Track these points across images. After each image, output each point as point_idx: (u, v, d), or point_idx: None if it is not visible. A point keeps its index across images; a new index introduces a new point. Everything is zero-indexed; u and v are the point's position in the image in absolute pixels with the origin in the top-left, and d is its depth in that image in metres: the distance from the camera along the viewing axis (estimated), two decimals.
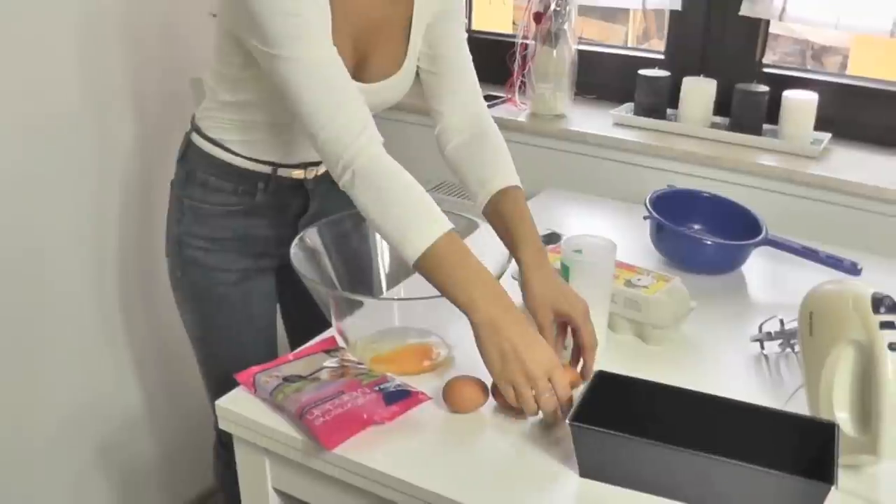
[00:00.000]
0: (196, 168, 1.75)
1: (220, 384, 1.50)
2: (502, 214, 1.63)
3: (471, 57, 1.75)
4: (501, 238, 1.62)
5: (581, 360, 1.47)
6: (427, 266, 1.38)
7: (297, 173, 1.76)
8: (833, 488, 1.11)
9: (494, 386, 1.40)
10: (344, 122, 1.42)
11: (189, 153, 1.77)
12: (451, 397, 1.41)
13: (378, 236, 1.73)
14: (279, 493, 1.49)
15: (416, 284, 1.74)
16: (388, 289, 1.75)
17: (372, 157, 1.43)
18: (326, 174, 1.80)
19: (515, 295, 1.75)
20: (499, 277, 1.48)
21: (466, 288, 1.37)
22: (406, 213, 1.41)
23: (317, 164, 1.78)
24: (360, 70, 1.61)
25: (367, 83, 1.62)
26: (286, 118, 1.63)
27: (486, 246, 1.61)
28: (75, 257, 2.22)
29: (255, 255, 1.82)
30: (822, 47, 3.43)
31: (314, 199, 1.81)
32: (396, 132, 1.95)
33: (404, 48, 1.67)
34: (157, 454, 2.61)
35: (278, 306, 1.98)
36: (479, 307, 1.36)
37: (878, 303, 1.26)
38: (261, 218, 1.78)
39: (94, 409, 2.38)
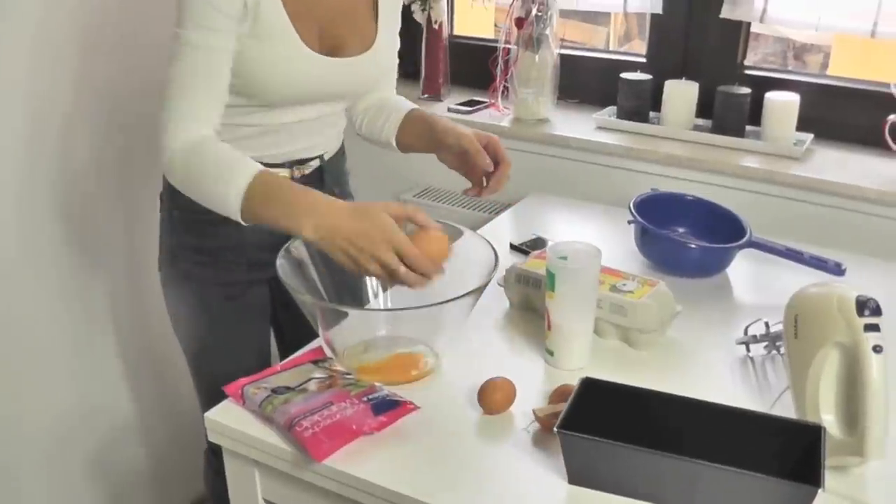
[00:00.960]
0: None
1: (214, 397, 1.51)
2: (413, 121, 1.83)
3: (397, 57, 1.90)
4: (419, 134, 1.81)
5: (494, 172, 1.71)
6: (252, 216, 1.50)
7: (284, 173, 1.76)
8: (820, 491, 1.12)
9: (480, 391, 1.42)
10: (181, 112, 1.55)
11: None
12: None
13: None
14: None
15: (403, 294, 1.74)
16: (375, 299, 1.75)
17: (185, 143, 1.55)
18: (313, 174, 1.81)
19: (501, 303, 1.76)
20: (486, 284, 1.49)
21: (289, 216, 1.46)
22: (214, 181, 1.51)
23: (303, 161, 1.79)
24: (336, 51, 1.69)
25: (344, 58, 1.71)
26: (268, 119, 1.69)
27: (472, 253, 1.61)
28: (64, 267, 2.21)
29: (248, 266, 1.82)
30: (803, 46, 3.43)
31: None
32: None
33: (375, 28, 1.75)
34: (148, 463, 2.61)
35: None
36: (306, 225, 1.44)
37: (862, 305, 1.27)
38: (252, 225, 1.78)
39: (85, 419, 2.38)
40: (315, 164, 1.83)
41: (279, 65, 1.62)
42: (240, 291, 1.83)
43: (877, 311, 1.26)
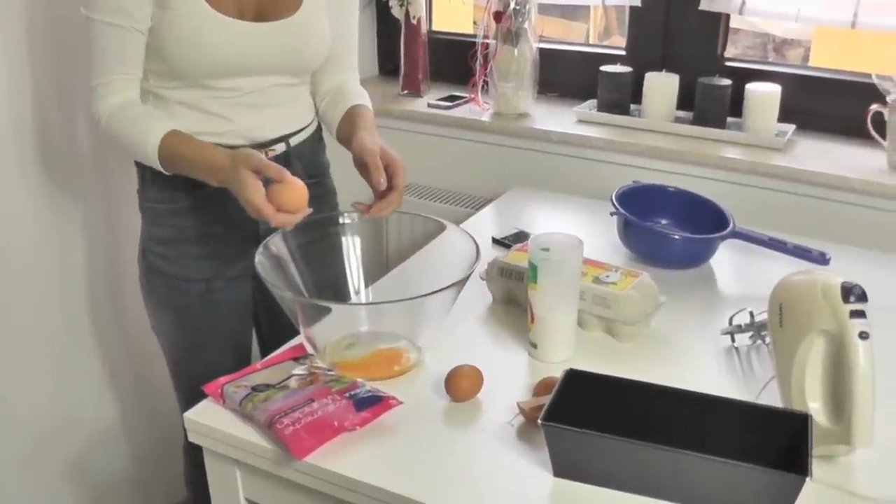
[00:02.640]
0: (146, 167, 1.73)
1: (189, 394, 1.50)
2: (347, 118, 1.83)
3: (356, 40, 1.93)
4: (345, 134, 1.81)
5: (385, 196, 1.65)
6: (169, 168, 1.64)
7: None
8: (807, 479, 1.11)
9: (447, 379, 1.43)
10: (103, 78, 1.65)
11: None
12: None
13: (346, 241, 1.76)
14: (251, 503, 1.47)
15: (384, 289, 1.73)
16: (356, 295, 1.74)
17: (108, 109, 1.65)
18: (279, 159, 1.78)
19: (484, 298, 1.75)
20: (468, 277, 1.48)
21: (189, 170, 1.62)
22: (132, 139, 1.64)
23: (264, 144, 1.77)
24: (261, 17, 1.69)
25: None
26: (203, 95, 1.69)
27: (454, 247, 1.60)
28: (42, 267, 2.19)
29: (222, 260, 1.81)
30: (783, 40, 3.44)
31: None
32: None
33: None
34: (129, 466, 2.58)
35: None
36: (213, 180, 1.58)
37: (847, 292, 1.26)
38: (216, 213, 1.77)
39: (65, 421, 2.35)
40: (280, 147, 1.80)
41: (187, 33, 1.61)
42: (212, 287, 1.82)
43: (862, 298, 1.25)
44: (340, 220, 1.75)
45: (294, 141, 1.82)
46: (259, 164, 1.51)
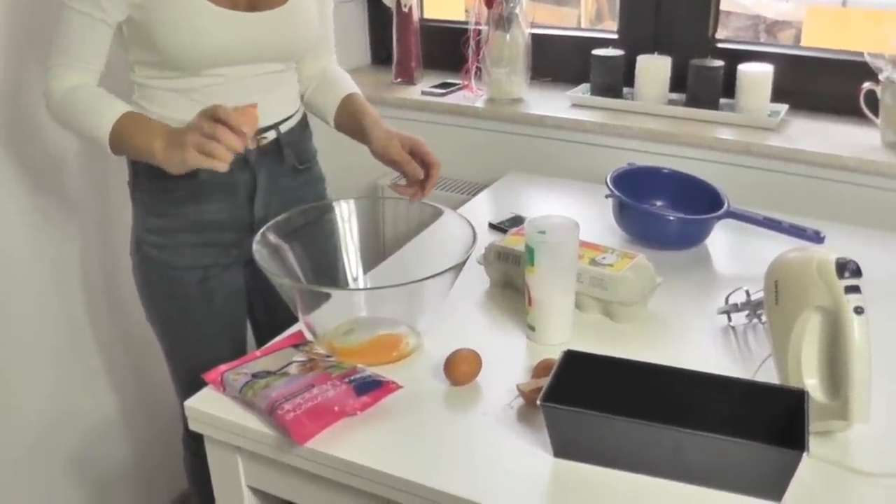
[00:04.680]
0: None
1: (187, 383, 1.50)
2: (346, 109, 1.87)
3: (332, 22, 1.93)
4: (350, 127, 1.86)
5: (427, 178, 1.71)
6: (117, 150, 1.63)
7: None
8: (805, 455, 1.12)
9: (446, 363, 1.44)
10: (60, 60, 1.66)
11: None
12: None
13: (343, 228, 1.76)
14: (253, 490, 1.48)
15: (382, 275, 1.74)
16: (354, 282, 1.74)
17: (63, 87, 1.66)
18: (271, 147, 1.79)
19: (482, 282, 1.76)
20: (464, 262, 1.49)
21: (139, 146, 1.59)
22: (89, 115, 1.64)
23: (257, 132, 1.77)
24: (253, 4, 1.69)
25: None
26: (196, 84, 1.69)
27: (451, 232, 1.61)
28: (38, 261, 2.19)
29: (215, 247, 1.81)
30: (774, 21, 3.44)
31: (260, 172, 1.79)
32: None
33: None
34: (131, 459, 2.59)
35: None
36: (155, 148, 1.55)
37: (842, 267, 1.26)
38: (210, 201, 1.77)
39: (65, 415, 2.35)
40: (271, 135, 1.80)
41: (183, 25, 1.61)
42: (208, 276, 1.82)
43: (857, 273, 1.26)
44: (336, 208, 1.75)
45: (284, 128, 1.82)
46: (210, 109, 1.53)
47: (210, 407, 1.41)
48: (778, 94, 2.29)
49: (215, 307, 1.86)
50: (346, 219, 1.75)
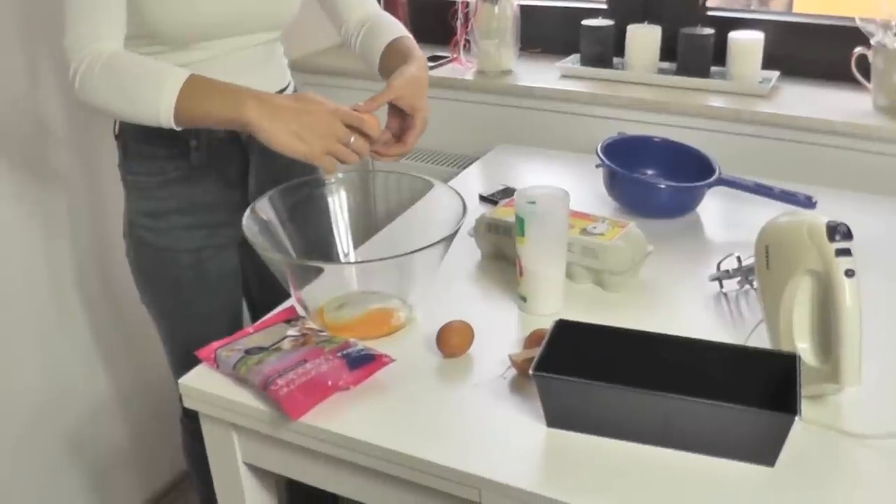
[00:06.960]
0: (128, 140, 1.73)
1: (183, 364, 1.49)
2: (392, 51, 1.77)
3: None
4: (387, 73, 1.72)
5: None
6: (185, 115, 1.47)
7: None
8: (797, 419, 1.12)
9: (438, 335, 1.44)
10: (83, 30, 1.50)
11: (120, 126, 1.76)
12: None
13: (333, 203, 1.75)
14: (250, 467, 1.48)
15: (374, 249, 1.74)
16: (345, 256, 1.74)
17: (95, 56, 1.48)
18: None
19: (473, 254, 1.76)
20: (455, 232, 1.48)
21: (230, 102, 1.46)
22: (142, 84, 1.48)
23: None
24: None
25: None
26: (190, 58, 1.65)
27: (441, 205, 1.61)
28: (29, 244, 2.19)
29: (209, 228, 1.80)
30: None
31: (252, 153, 1.79)
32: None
33: None
34: (128, 441, 2.60)
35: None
36: (249, 105, 1.44)
37: (832, 231, 1.26)
38: (202, 183, 1.76)
39: (60, 397, 2.35)
40: None
41: None
42: (201, 257, 1.81)
43: (848, 236, 1.26)
44: (327, 182, 1.74)
45: None
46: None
47: (204, 384, 1.41)
48: (769, 61, 2.28)
49: (210, 288, 1.86)
50: (337, 193, 1.74)
